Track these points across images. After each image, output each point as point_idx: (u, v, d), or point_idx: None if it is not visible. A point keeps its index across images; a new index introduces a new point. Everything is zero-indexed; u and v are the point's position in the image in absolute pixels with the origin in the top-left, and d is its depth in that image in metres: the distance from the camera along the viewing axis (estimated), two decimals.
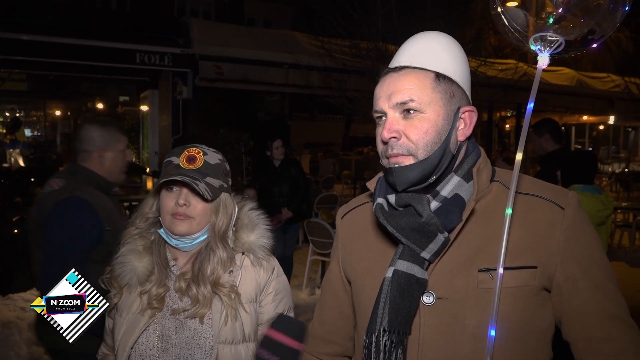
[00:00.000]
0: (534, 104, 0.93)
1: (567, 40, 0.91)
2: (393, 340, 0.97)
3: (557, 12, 0.88)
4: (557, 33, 0.90)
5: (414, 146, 0.98)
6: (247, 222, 1.45)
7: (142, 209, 1.44)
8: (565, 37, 0.90)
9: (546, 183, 1.07)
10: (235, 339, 1.35)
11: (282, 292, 1.46)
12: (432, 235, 0.97)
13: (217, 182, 1.37)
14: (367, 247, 1.13)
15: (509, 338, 0.97)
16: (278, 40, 9.42)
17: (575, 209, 1.00)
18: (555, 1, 0.88)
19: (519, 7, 0.93)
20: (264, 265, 1.42)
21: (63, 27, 7.79)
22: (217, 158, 1.40)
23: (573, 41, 0.91)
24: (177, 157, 1.36)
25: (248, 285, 1.39)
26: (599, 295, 0.98)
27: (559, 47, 0.92)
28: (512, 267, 0.96)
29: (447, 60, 1.01)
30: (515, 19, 0.94)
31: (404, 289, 0.97)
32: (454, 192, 1.00)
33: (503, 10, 0.95)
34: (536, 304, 0.99)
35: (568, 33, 0.90)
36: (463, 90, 1.03)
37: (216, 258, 1.36)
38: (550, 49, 0.92)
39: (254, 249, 1.41)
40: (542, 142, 3.66)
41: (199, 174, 1.33)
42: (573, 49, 0.93)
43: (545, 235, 0.98)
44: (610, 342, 0.97)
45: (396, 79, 1.01)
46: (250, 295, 1.39)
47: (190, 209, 1.34)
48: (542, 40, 0.92)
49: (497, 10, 0.97)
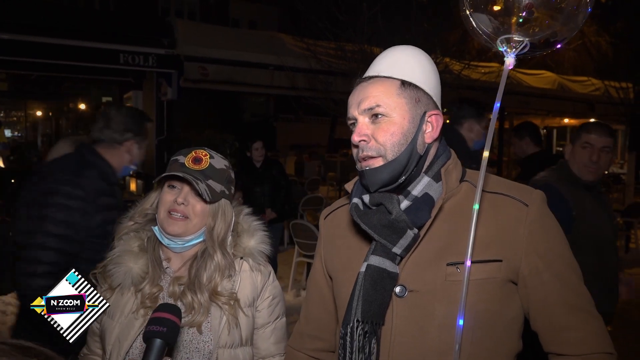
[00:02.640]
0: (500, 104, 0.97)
1: (532, 41, 0.95)
2: (367, 330, 1.02)
3: (522, 14, 0.91)
4: (522, 35, 0.94)
5: (382, 148, 1.05)
6: (247, 228, 1.45)
7: (143, 204, 1.44)
8: (530, 38, 0.94)
9: (513, 182, 1.13)
10: (234, 343, 1.35)
11: (278, 297, 1.48)
12: (401, 232, 1.03)
13: (219, 186, 1.37)
14: (346, 245, 1.19)
15: (476, 328, 1.01)
16: (263, 41, 9.41)
17: (539, 205, 1.06)
18: (519, 4, 0.92)
19: (487, 10, 0.96)
20: (262, 270, 1.44)
21: (45, 26, 7.68)
22: (223, 164, 1.41)
23: (538, 42, 0.95)
24: (184, 157, 1.38)
25: (246, 290, 1.40)
26: (561, 287, 1.04)
27: (525, 48, 0.96)
28: (478, 260, 1.02)
29: (412, 69, 1.09)
30: (482, 22, 0.98)
31: (377, 282, 1.03)
32: (424, 191, 1.07)
33: (471, 12, 0.98)
34: (502, 296, 1.04)
35: (533, 35, 0.94)
36: (429, 95, 1.10)
37: (213, 265, 1.35)
38: (516, 50, 0.96)
39: (254, 254, 1.42)
40: (523, 144, 3.75)
41: (202, 175, 1.34)
42: (538, 49, 0.97)
43: (510, 231, 1.04)
44: (573, 330, 1.02)
45: (365, 88, 1.09)
46: (248, 299, 1.40)
47: (188, 208, 1.34)
48: (508, 41, 0.96)
49: (465, 13, 1.01)
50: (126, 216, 1.45)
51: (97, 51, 8.09)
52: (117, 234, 1.42)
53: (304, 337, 1.32)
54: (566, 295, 1.04)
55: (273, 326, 1.46)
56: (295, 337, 1.34)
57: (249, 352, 1.40)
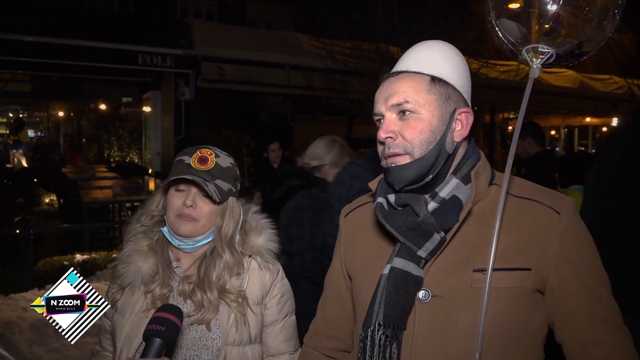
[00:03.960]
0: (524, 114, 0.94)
1: (558, 52, 0.92)
2: (388, 335, 1.00)
3: (549, 25, 0.89)
4: (549, 45, 0.92)
5: (410, 145, 1.02)
6: (255, 226, 1.45)
7: (149, 206, 1.43)
8: (556, 49, 0.92)
9: (543, 188, 1.09)
10: (243, 341, 1.35)
11: (287, 294, 1.48)
12: (428, 235, 1.00)
13: (227, 185, 1.37)
14: (368, 245, 1.16)
15: (501, 337, 0.99)
16: (280, 41, 9.43)
17: (571, 214, 1.02)
18: (547, 15, 0.89)
19: (513, 20, 0.94)
20: (270, 268, 1.43)
21: (66, 28, 7.83)
22: (229, 161, 1.40)
23: (564, 53, 0.93)
24: (189, 157, 1.36)
25: (255, 287, 1.40)
26: (590, 300, 1.00)
27: (550, 58, 0.94)
28: (505, 268, 0.99)
29: (442, 64, 1.05)
30: (508, 32, 0.96)
31: (400, 285, 1.00)
32: (452, 193, 1.03)
33: (498, 23, 0.97)
34: (528, 305, 1.01)
35: (559, 45, 0.92)
36: (460, 93, 1.06)
37: (222, 263, 1.35)
38: (541, 60, 0.94)
39: (262, 252, 1.42)
40: (525, 145, 3.70)
41: (209, 175, 1.33)
42: (564, 60, 0.95)
43: (540, 239, 1.00)
44: (600, 345, 0.99)
45: (393, 83, 1.05)
46: (256, 297, 1.40)
47: (197, 211, 1.34)
48: (534, 51, 0.94)
49: (492, 23, 0.99)
50: (134, 218, 1.45)
51: (116, 52, 8.23)
52: (126, 236, 1.42)
53: (319, 335, 1.30)
54: (594, 308, 1.00)
55: (282, 324, 1.45)
56: (311, 335, 1.33)
57: (259, 350, 1.40)
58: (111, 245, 6.68)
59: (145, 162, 11.46)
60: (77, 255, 5.54)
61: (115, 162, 13.17)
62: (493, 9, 0.97)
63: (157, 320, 1.09)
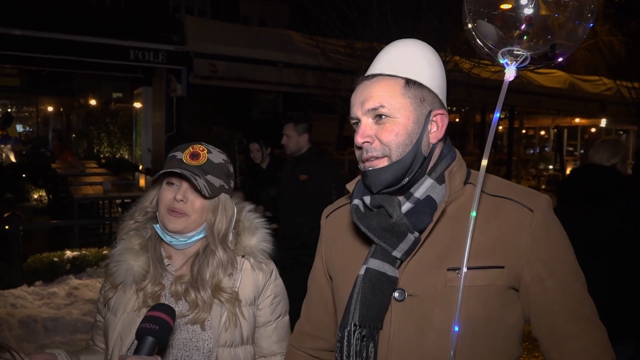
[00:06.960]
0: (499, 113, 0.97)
1: (532, 55, 0.95)
2: (364, 334, 1.01)
3: (522, 28, 0.91)
4: (523, 48, 0.94)
5: (387, 148, 1.03)
6: (248, 226, 1.44)
7: (143, 202, 1.43)
8: (530, 51, 0.94)
9: (518, 185, 1.11)
10: (235, 342, 1.35)
11: (280, 295, 1.47)
12: (402, 235, 1.02)
13: (218, 181, 1.37)
14: (346, 246, 1.18)
15: (475, 334, 1.00)
16: (273, 38, 9.41)
17: (544, 210, 1.03)
18: (521, 18, 0.92)
19: (489, 22, 0.97)
20: (264, 268, 1.43)
21: (57, 22, 7.75)
22: (221, 158, 1.40)
23: (538, 56, 0.95)
24: (181, 153, 1.37)
25: (247, 288, 1.39)
26: (565, 295, 1.02)
27: (525, 61, 0.96)
28: (479, 266, 1.00)
29: (418, 66, 1.05)
30: (484, 35, 0.98)
31: (375, 286, 1.02)
32: (427, 194, 1.04)
33: (474, 26, 0.99)
34: (502, 302, 1.02)
35: (533, 48, 0.94)
36: (435, 94, 1.07)
37: (216, 261, 1.35)
38: (516, 62, 0.96)
39: (255, 253, 1.41)
40: None
41: (200, 171, 1.33)
42: (539, 63, 0.97)
43: (513, 237, 1.01)
44: (574, 340, 1.00)
45: (368, 87, 1.06)
46: (249, 298, 1.39)
47: (187, 206, 1.34)
48: (509, 54, 0.96)
49: (468, 27, 1.01)
50: (127, 215, 1.45)
51: (107, 47, 8.17)
52: (119, 233, 1.42)
53: (304, 336, 1.31)
54: (569, 304, 1.01)
55: (275, 325, 1.45)
56: (295, 336, 1.34)
57: (251, 351, 1.40)
58: (101, 241, 6.65)
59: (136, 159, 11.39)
60: (67, 251, 5.50)
61: (105, 158, 13.08)
62: (470, 12, 0.99)
63: (151, 319, 1.09)
